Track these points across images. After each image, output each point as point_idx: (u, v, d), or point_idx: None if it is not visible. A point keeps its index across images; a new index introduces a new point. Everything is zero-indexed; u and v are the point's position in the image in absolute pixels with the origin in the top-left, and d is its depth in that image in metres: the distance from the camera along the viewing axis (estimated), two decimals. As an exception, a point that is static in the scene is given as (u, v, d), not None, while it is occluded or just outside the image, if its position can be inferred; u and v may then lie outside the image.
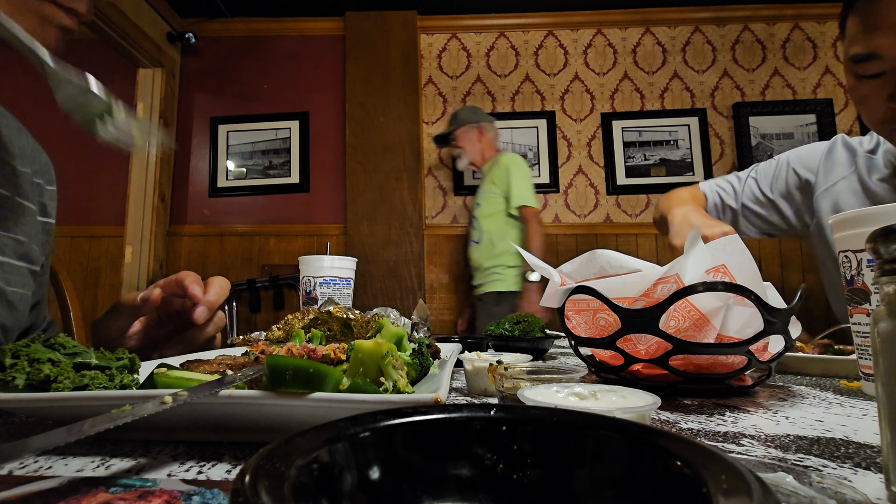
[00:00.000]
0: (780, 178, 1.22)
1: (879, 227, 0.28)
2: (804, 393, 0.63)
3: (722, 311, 0.58)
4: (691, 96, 3.32)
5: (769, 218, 1.24)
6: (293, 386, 0.35)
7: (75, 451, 0.37)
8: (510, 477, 0.22)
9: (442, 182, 3.33)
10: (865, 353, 0.58)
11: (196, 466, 0.34)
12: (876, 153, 1.08)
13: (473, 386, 0.65)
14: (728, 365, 0.59)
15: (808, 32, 3.31)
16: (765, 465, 0.30)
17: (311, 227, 3.22)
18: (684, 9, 3.32)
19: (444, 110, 3.38)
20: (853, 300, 0.59)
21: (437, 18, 3.40)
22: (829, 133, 3.12)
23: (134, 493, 0.29)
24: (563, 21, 3.40)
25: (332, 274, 0.99)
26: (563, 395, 0.42)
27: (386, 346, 0.41)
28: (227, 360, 0.52)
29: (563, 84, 3.38)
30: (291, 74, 3.40)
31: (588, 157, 3.32)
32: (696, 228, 0.62)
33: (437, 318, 3.18)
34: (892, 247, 0.28)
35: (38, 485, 0.31)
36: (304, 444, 0.19)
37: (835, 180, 1.12)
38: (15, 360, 0.40)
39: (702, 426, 0.46)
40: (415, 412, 0.23)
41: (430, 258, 3.23)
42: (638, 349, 0.62)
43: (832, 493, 0.26)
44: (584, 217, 3.26)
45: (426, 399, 0.35)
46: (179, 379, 0.41)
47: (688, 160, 3.25)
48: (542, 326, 1.04)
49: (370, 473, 0.21)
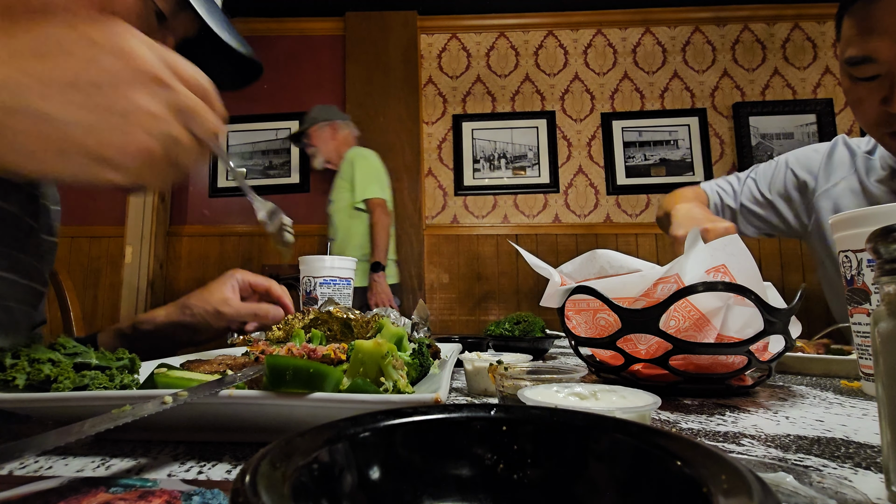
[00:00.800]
0: (779, 179, 1.23)
1: (879, 227, 0.28)
2: (804, 393, 0.63)
3: (722, 311, 0.58)
4: (691, 96, 3.32)
5: (767, 218, 1.25)
6: (293, 386, 0.35)
7: (75, 451, 0.37)
8: (510, 477, 0.22)
9: (442, 182, 3.33)
10: (866, 353, 0.58)
11: (196, 466, 0.34)
12: (874, 154, 1.09)
13: (473, 386, 0.65)
14: (728, 365, 0.59)
15: (808, 32, 3.31)
16: (765, 465, 0.30)
17: (311, 227, 3.22)
18: (684, 9, 3.32)
19: (444, 110, 3.38)
20: (853, 300, 0.59)
21: (437, 18, 3.40)
22: (830, 133, 3.12)
23: (134, 493, 0.29)
24: (563, 21, 3.40)
25: (332, 274, 0.99)
26: (563, 395, 0.42)
27: (386, 346, 0.41)
28: (227, 360, 0.52)
29: (563, 84, 3.38)
30: (291, 74, 3.40)
31: (588, 157, 3.32)
32: (697, 228, 0.62)
33: (437, 318, 3.18)
34: (892, 247, 0.28)
35: (38, 485, 0.31)
36: (304, 444, 0.19)
37: (835, 181, 1.13)
38: (15, 360, 0.40)
39: (702, 426, 0.46)
40: (415, 412, 0.23)
41: (430, 258, 3.23)
42: (638, 349, 0.62)
43: (832, 493, 0.26)
44: (584, 217, 3.26)
45: (426, 399, 0.35)
46: (179, 379, 0.41)
47: (688, 160, 3.25)
48: (542, 326, 1.04)
49: (370, 473, 0.21)
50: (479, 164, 3.32)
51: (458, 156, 3.32)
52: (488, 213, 3.29)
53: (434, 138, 3.36)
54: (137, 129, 0.38)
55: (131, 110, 0.37)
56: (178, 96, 0.40)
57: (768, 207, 1.24)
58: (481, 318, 3.16)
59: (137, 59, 0.38)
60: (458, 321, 3.18)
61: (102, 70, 0.36)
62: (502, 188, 3.29)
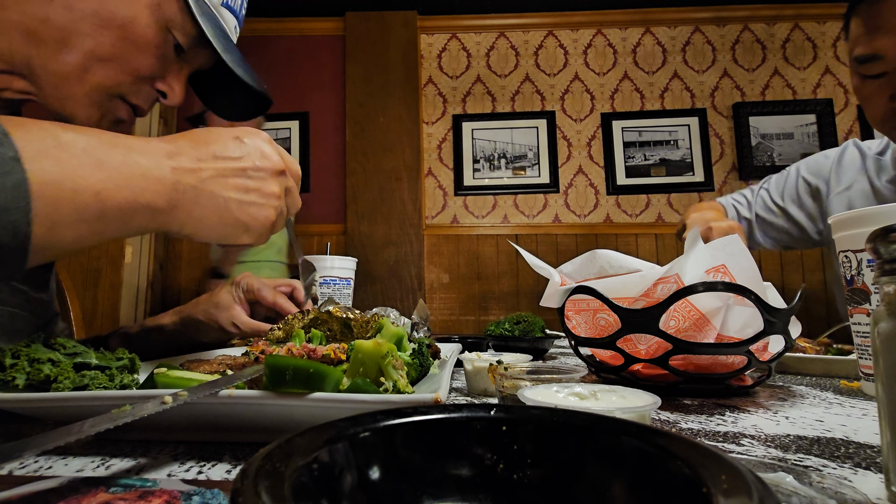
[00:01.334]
0: (791, 186, 1.26)
1: (879, 227, 0.28)
2: (804, 393, 0.63)
3: (722, 311, 0.58)
4: (691, 96, 3.31)
5: (782, 226, 1.27)
6: (293, 386, 0.35)
7: (75, 451, 0.37)
8: (510, 477, 0.22)
9: (442, 182, 3.33)
10: (865, 353, 0.58)
11: (196, 466, 0.34)
12: (885, 155, 1.10)
13: (473, 386, 0.65)
14: (728, 365, 0.59)
15: (808, 32, 3.31)
16: (765, 465, 0.30)
17: (311, 226, 3.22)
18: (684, 9, 3.32)
19: (444, 110, 3.38)
20: (853, 300, 0.59)
21: (437, 18, 3.40)
22: (830, 133, 3.12)
23: (134, 493, 0.29)
24: (563, 21, 3.40)
25: (332, 274, 0.99)
26: (563, 395, 0.42)
27: (386, 346, 0.41)
28: (227, 360, 0.52)
29: (563, 84, 3.38)
30: (291, 74, 3.40)
31: (588, 157, 3.32)
32: (697, 228, 0.62)
33: (437, 318, 3.17)
34: (892, 247, 0.28)
35: (38, 485, 0.31)
36: (304, 444, 0.19)
37: (847, 184, 1.15)
38: (15, 360, 0.40)
39: (702, 426, 0.46)
40: (415, 412, 0.23)
41: (430, 258, 3.23)
42: (638, 349, 0.62)
43: (832, 493, 0.26)
44: (584, 217, 3.26)
45: (426, 399, 0.35)
46: (179, 379, 0.41)
47: (688, 160, 3.25)
48: (542, 326, 1.04)
49: (370, 473, 0.21)
50: (479, 164, 3.32)
51: (458, 156, 3.32)
52: (488, 213, 3.29)
53: (434, 138, 3.36)
54: (269, 206, 0.52)
55: (268, 193, 0.52)
56: (288, 181, 0.55)
57: (782, 215, 1.26)
58: (481, 318, 3.16)
59: (272, 158, 0.53)
60: (458, 321, 3.17)
61: (253, 166, 0.51)
62: (502, 188, 3.28)
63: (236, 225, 0.50)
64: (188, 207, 0.47)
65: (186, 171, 0.47)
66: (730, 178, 3.21)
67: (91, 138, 0.42)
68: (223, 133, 0.51)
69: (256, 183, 0.51)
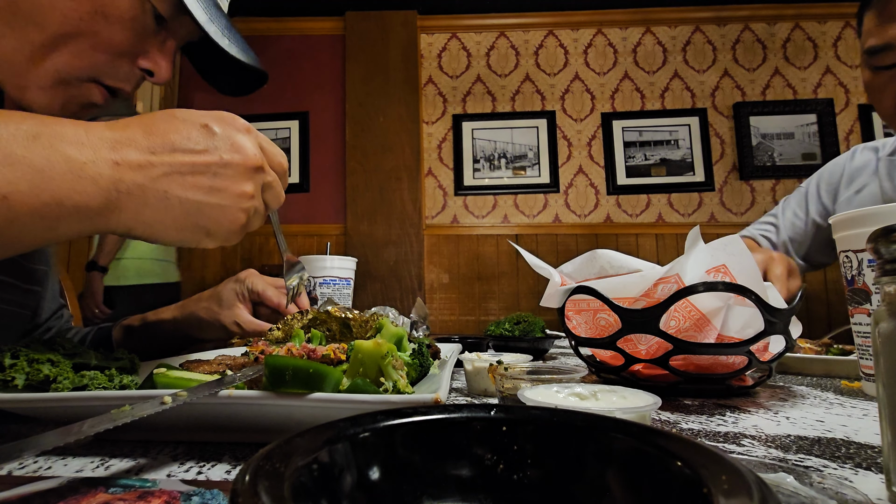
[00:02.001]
0: (813, 198, 1.25)
1: (879, 227, 0.28)
2: (805, 393, 0.62)
3: (722, 311, 0.58)
4: (692, 96, 3.31)
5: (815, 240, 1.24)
6: (293, 386, 0.35)
7: (75, 451, 0.37)
8: (510, 477, 0.22)
9: (442, 182, 3.33)
10: (866, 354, 0.58)
11: (196, 466, 0.34)
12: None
13: (473, 386, 0.65)
14: (728, 365, 0.59)
15: (808, 32, 3.31)
16: (765, 465, 0.30)
17: (311, 226, 3.22)
18: (685, 8, 3.32)
19: (444, 110, 3.37)
20: (854, 300, 0.59)
21: (437, 18, 3.40)
22: (830, 133, 3.12)
23: (134, 494, 0.29)
24: (563, 21, 3.40)
25: (332, 274, 0.99)
26: (563, 395, 0.42)
27: (386, 347, 0.41)
28: (227, 361, 0.52)
29: (564, 84, 3.38)
30: (291, 74, 3.40)
31: (588, 157, 3.32)
32: (697, 227, 0.62)
33: (437, 319, 3.18)
34: (892, 247, 0.28)
35: (38, 485, 0.31)
36: (304, 444, 0.19)
37: (857, 188, 1.15)
38: (14, 361, 0.40)
39: (702, 426, 0.46)
40: (415, 412, 0.23)
41: (430, 258, 3.23)
42: (638, 349, 0.62)
43: (833, 494, 0.26)
44: (584, 217, 3.26)
45: (426, 399, 0.35)
46: (179, 379, 0.41)
47: (688, 160, 3.25)
48: (542, 326, 1.04)
49: (370, 474, 0.21)
50: (479, 164, 3.32)
51: (458, 156, 3.32)
52: (488, 213, 3.29)
53: (434, 138, 3.36)
54: (237, 208, 0.45)
55: (237, 194, 0.44)
56: (266, 177, 0.47)
57: (813, 227, 1.24)
58: (481, 318, 3.16)
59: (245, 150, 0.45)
60: (458, 321, 3.17)
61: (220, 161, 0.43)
62: (502, 188, 3.28)
63: (196, 229, 0.44)
64: (134, 209, 0.40)
65: (133, 166, 0.39)
66: (730, 178, 3.21)
67: (6, 127, 0.35)
68: (189, 119, 0.43)
69: (222, 181, 0.43)
